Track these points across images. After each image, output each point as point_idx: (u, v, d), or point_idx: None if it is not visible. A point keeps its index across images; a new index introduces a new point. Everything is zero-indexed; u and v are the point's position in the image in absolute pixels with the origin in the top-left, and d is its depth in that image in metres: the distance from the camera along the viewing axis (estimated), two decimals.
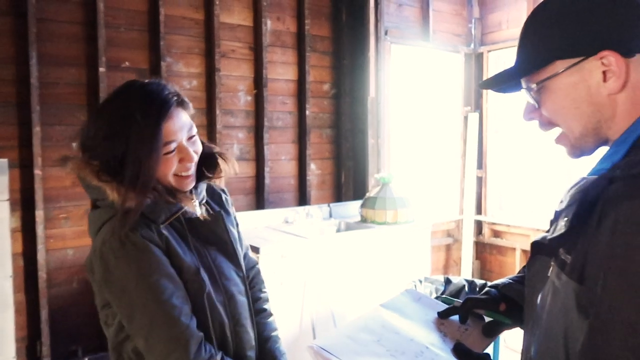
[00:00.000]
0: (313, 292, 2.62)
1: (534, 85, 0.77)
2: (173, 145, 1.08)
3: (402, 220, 3.03)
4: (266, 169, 3.27)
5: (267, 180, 3.28)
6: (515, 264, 4.04)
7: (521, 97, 0.85)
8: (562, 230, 0.74)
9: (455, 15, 4.13)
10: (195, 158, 1.13)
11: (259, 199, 3.29)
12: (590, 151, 0.79)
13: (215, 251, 1.15)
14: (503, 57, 4.07)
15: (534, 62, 0.77)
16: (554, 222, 0.81)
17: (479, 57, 4.20)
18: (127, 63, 2.81)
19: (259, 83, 3.25)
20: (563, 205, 0.78)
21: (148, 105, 1.05)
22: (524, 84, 0.80)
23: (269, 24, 3.27)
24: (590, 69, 0.72)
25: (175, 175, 1.11)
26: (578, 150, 0.79)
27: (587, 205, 0.69)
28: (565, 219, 0.74)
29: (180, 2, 2.97)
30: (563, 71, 0.73)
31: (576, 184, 0.77)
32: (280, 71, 3.36)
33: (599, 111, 0.73)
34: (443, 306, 1.05)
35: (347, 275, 2.75)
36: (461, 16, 4.17)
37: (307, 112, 3.42)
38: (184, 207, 1.11)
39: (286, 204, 3.39)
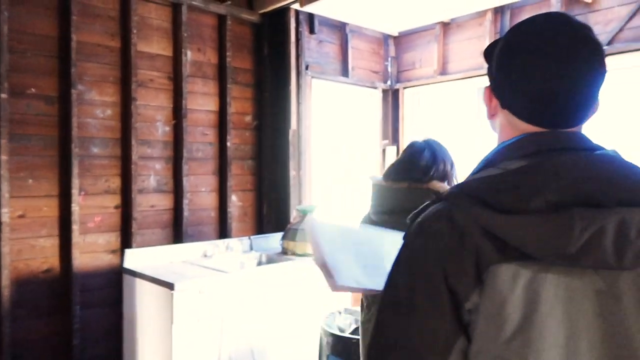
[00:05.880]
0: (231, 328, 2.55)
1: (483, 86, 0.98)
2: None
3: None
4: (185, 201, 3.18)
5: (185, 213, 3.18)
6: None
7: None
8: None
9: (372, 54, 4.33)
10: None
11: (177, 232, 3.18)
12: None
13: None
14: (418, 94, 4.31)
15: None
16: None
17: (396, 93, 4.42)
18: (33, 90, 2.65)
19: (178, 113, 3.18)
20: None
21: None
22: None
23: (189, 55, 3.24)
24: (488, 95, 0.92)
25: None
26: None
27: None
28: None
29: (94, 29, 2.86)
30: (486, 86, 0.94)
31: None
32: (201, 102, 3.32)
33: (492, 123, 0.95)
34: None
35: (267, 309, 2.71)
36: (378, 55, 4.38)
37: (229, 144, 3.39)
38: None
39: (206, 237, 3.30)
